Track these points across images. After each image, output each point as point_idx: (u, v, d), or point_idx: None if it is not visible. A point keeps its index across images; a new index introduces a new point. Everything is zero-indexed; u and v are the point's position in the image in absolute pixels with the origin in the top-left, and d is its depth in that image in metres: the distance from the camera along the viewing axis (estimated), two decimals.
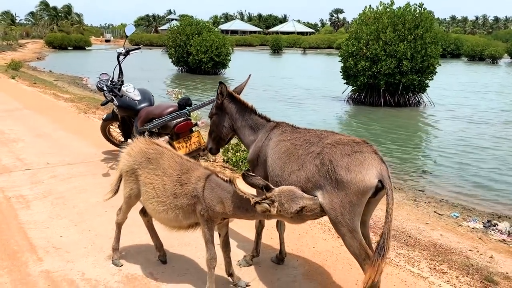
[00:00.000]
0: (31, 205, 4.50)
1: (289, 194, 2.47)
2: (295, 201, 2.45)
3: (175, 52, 27.23)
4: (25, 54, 38.05)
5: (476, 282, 3.51)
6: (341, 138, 2.60)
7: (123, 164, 3.17)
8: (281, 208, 2.46)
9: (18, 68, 21.16)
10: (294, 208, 2.45)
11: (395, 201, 6.13)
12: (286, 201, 2.45)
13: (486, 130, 12.26)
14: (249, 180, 2.59)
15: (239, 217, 2.80)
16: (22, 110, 9.95)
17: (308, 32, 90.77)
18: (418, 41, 15.06)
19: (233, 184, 2.72)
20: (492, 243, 4.88)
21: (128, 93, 5.52)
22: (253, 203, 2.48)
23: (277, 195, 2.47)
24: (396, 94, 15.97)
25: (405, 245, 4.20)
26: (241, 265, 3.38)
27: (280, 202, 2.46)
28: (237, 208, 2.69)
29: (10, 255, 3.46)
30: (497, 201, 6.75)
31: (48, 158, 6.15)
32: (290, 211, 2.45)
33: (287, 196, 2.46)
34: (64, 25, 66.21)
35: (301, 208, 2.46)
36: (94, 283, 3.10)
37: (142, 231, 3.67)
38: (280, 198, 2.46)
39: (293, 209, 2.45)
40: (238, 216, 2.79)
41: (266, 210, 2.45)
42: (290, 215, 2.47)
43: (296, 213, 2.46)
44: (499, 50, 45.25)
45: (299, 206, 2.45)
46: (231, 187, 2.72)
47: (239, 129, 3.36)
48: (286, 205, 2.44)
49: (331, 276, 3.30)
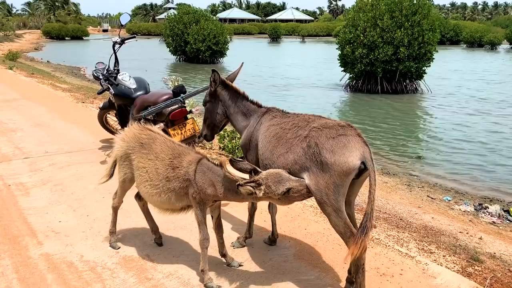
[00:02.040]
0: (31, 192, 4.60)
1: (276, 177, 2.57)
2: (281, 183, 2.55)
3: (173, 41, 27.15)
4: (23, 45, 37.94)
5: (462, 261, 3.62)
6: (327, 122, 2.69)
7: (117, 149, 3.27)
8: (268, 190, 2.56)
9: (16, 59, 21.17)
10: (281, 189, 2.55)
11: (389, 185, 6.26)
12: (272, 183, 2.55)
13: (482, 117, 12.33)
14: (237, 165, 2.69)
15: (230, 199, 2.91)
16: (20, 100, 10.01)
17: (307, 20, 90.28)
18: (415, 28, 15.05)
19: (223, 167, 2.82)
20: (482, 225, 5.00)
21: (123, 81, 5.58)
22: (236, 186, 2.58)
23: (264, 177, 2.57)
24: (393, 81, 16.01)
25: (396, 227, 4.31)
26: (234, 246, 3.49)
27: (267, 184, 2.56)
28: (227, 191, 2.78)
29: (11, 240, 3.56)
30: (489, 186, 6.86)
31: (47, 147, 6.24)
32: (277, 192, 2.55)
33: (274, 179, 2.56)
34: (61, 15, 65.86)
35: (287, 190, 2.56)
36: (92, 265, 3.22)
37: (138, 216, 3.78)
38: (267, 180, 2.56)
39: (279, 191, 2.55)
40: (229, 199, 2.89)
41: (252, 192, 2.55)
42: (277, 196, 2.57)
43: (283, 195, 2.56)
44: (498, 36, 45.03)
45: (286, 187, 2.55)
46: (221, 171, 2.82)
47: (232, 116, 3.44)
48: (273, 187, 2.55)
49: (321, 256, 3.41)
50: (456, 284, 3.10)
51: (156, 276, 3.09)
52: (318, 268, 3.23)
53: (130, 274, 3.10)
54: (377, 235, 3.91)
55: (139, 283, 2.99)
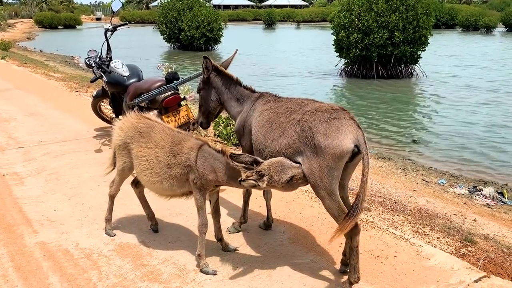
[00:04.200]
0: (25, 181, 4.59)
1: (278, 166, 2.56)
2: (284, 172, 2.55)
3: (167, 28, 26.92)
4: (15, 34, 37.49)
5: (456, 242, 3.66)
6: (320, 106, 2.69)
7: (116, 138, 3.28)
8: (272, 180, 2.55)
9: (8, 49, 20.93)
10: (284, 178, 2.55)
11: (384, 169, 6.28)
12: (275, 173, 2.54)
13: (477, 101, 12.34)
14: (237, 159, 2.65)
15: (231, 185, 2.92)
16: (13, 90, 9.94)
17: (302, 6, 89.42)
18: (410, 12, 14.95)
19: (225, 155, 2.81)
20: (476, 207, 5.03)
21: (116, 69, 5.54)
22: (239, 181, 2.57)
23: (266, 168, 2.56)
24: (389, 66, 15.95)
25: (391, 211, 4.33)
26: (230, 231, 3.51)
27: (270, 175, 2.55)
28: (229, 177, 2.80)
29: (6, 229, 3.57)
30: (484, 169, 6.89)
31: (41, 136, 6.22)
32: (281, 182, 2.56)
33: (276, 168, 2.55)
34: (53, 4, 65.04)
35: (290, 178, 2.56)
36: (88, 252, 3.23)
37: (134, 203, 3.79)
38: (270, 171, 2.55)
39: (283, 180, 2.55)
40: (230, 185, 2.91)
41: (255, 186, 2.55)
42: (281, 185, 2.58)
43: (287, 183, 2.57)
44: (494, 20, 44.83)
45: (289, 176, 2.56)
46: (223, 158, 2.82)
47: (226, 102, 3.43)
48: (276, 177, 2.54)
49: (316, 240, 3.43)
50: (450, 265, 3.13)
51: (152, 262, 3.10)
52: (313, 251, 3.26)
53: (126, 260, 3.12)
54: (372, 219, 3.93)
55: (135, 269, 3.01)
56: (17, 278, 2.92)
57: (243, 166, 2.61)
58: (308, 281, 2.89)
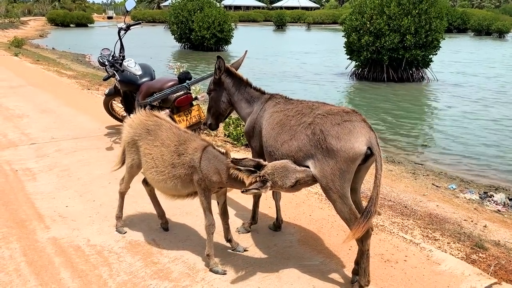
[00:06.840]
0: (37, 177, 4.64)
1: (282, 171, 2.55)
2: (288, 177, 2.54)
3: (178, 28, 27.02)
4: (27, 32, 37.90)
5: (467, 248, 3.63)
6: (331, 109, 2.68)
7: (125, 135, 3.30)
8: (275, 186, 2.56)
9: (21, 46, 21.17)
10: (288, 183, 2.55)
11: (394, 173, 6.26)
12: (279, 178, 2.54)
13: (488, 106, 12.23)
14: (240, 164, 2.63)
15: (235, 187, 2.89)
16: (26, 86, 10.04)
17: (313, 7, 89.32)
18: (422, 16, 14.86)
19: (228, 157, 2.82)
20: (487, 213, 4.99)
21: (129, 68, 5.58)
22: (241, 192, 2.57)
23: (270, 173, 2.55)
24: (400, 69, 15.87)
25: (401, 215, 4.32)
26: (240, 232, 3.52)
27: (274, 180, 2.54)
28: (233, 179, 2.77)
29: (19, 224, 3.61)
30: (495, 174, 6.83)
31: (53, 133, 6.28)
32: (285, 186, 2.56)
33: (280, 174, 2.54)
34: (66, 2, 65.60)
35: (294, 183, 2.56)
36: (99, 249, 3.26)
37: (144, 201, 3.82)
38: (273, 176, 2.54)
39: (287, 185, 2.55)
40: (234, 186, 2.88)
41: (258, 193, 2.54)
42: (285, 189, 2.59)
43: (291, 187, 2.57)
44: (507, 25, 44.38)
45: (293, 181, 2.55)
46: (227, 160, 2.82)
47: (236, 103, 3.44)
48: (279, 182, 2.54)
49: (325, 242, 3.43)
50: (460, 271, 3.11)
51: (162, 260, 3.12)
52: (322, 254, 3.26)
53: (136, 258, 3.14)
54: (382, 222, 3.92)
55: (145, 267, 3.03)
56: (29, 272, 2.95)
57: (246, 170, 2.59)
58: (318, 283, 2.89)
